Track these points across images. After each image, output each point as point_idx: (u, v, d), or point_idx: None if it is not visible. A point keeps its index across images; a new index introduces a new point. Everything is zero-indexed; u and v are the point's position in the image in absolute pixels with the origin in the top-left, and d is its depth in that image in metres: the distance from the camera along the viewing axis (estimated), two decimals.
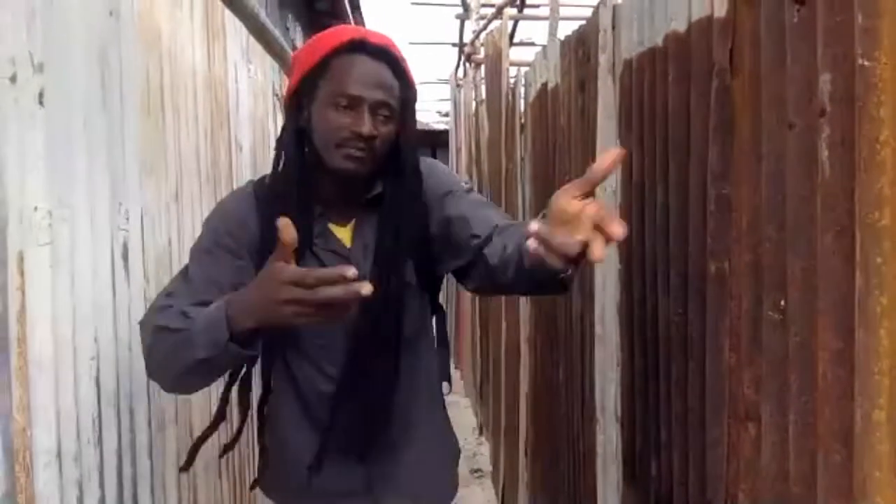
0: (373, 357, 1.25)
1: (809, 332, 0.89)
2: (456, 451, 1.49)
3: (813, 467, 0.89)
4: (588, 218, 0.79)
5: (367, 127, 1.16)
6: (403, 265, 1.27)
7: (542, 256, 0.82)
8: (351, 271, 0.88)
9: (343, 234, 1.27)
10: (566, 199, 0.82)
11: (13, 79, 1.02)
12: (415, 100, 1.26)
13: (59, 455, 1.11)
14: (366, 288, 0.88)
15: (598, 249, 0.77)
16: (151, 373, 1.16)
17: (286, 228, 0.91)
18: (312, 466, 1.30)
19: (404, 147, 1.24)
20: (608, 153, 0.82)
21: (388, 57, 1.19)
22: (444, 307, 1.50)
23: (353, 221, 1.28)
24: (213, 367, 1.07)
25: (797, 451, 0.92)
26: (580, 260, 0.81)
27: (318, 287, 0.90)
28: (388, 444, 1.32)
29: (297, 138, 1.23)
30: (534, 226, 0.82)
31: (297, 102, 1.22)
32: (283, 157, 1.25)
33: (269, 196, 1.24)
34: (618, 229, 0.77)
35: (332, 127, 1.17)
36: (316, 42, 1.22)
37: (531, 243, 0.83)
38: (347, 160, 1.18)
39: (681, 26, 1.25)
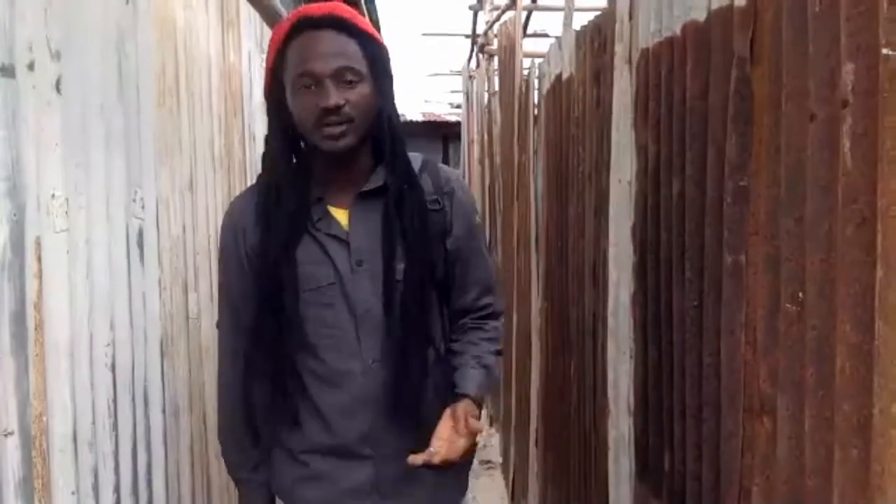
0: (404, 331, 1.28)
1: (828, 326, 0.88)
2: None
3: (829, 462, 0.88)
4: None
5: (331, 98, 1.16)
6: (433, 251, 1.31)
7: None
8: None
9: (342, 216, 1.28)
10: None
11: (31, 66, 1.03)
12: (382, 53, 1.25)
13: (74, 441, 1.12)
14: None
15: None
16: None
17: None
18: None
19: (382, 104, 1.24)
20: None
21: (334, 22, 1.20)
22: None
23: (351, 206, 1.28)
24: None
25: (813, 445, 0.91)
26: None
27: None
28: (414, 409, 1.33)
29: (283, 132, 1.26)
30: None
31: (275, 99, 1.25)
32: (270, 152, 1.28)
33: (263, 188, 1.28)
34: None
35: (304, 110, 1.19)
36: (271, 39, 1.25)
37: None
38: (329, 139, 1.19)
39: (700, 15, 1.23)
